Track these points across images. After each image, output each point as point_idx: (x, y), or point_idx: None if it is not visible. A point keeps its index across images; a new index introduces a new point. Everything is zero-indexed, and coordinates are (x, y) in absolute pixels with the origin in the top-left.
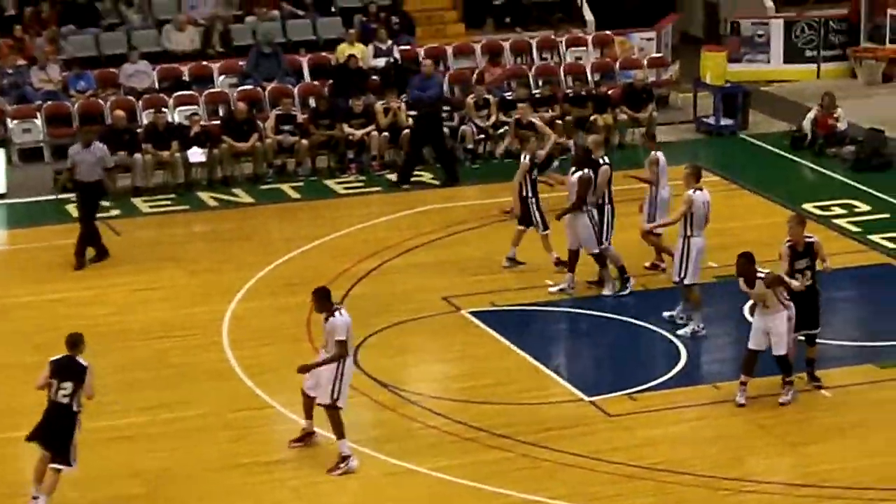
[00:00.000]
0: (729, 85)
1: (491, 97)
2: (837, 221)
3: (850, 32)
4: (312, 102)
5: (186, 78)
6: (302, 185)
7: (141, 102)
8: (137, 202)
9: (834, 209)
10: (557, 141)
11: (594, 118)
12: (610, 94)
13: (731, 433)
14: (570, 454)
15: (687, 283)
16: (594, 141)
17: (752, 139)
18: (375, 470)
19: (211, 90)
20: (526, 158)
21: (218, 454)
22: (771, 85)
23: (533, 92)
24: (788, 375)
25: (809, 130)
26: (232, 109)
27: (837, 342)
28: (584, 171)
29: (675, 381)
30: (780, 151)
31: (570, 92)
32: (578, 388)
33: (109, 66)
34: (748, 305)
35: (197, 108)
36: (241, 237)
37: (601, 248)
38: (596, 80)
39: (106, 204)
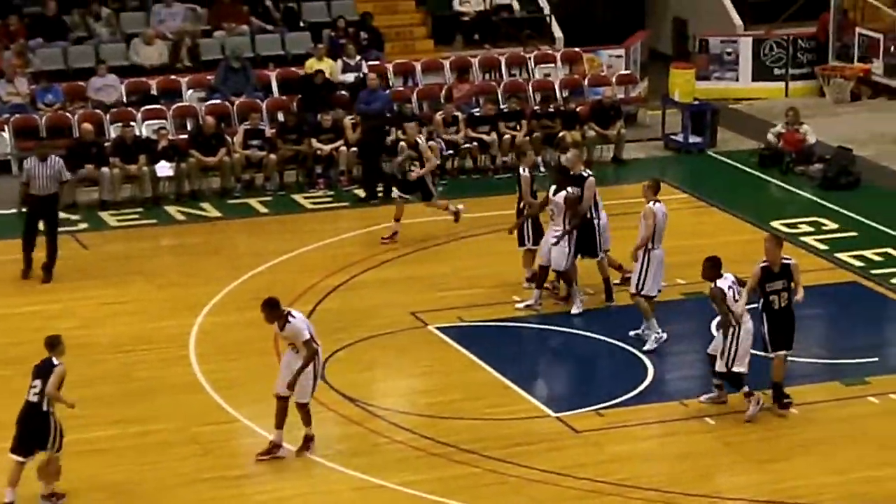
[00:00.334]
0: (697, 102)
1: (459, 114)
2: (805, 239)
3: (818, 51)
4: (281, 117)
5: (155, 92)
6: (270, 199)
7: (109, 116)
8: (105, 216)
9: (802, 227)
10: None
11: (562, 135)
12: (578, 110)
13: (698, 450)
14: (537, 470)
15: (644, 294)
16: (574, 156)
17: (720, 157)
18: (342, 485)
19: (179, 104)
20: (526, 171)
21: (185, 468)
22: (739, 103)
23: (501, 107)
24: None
25: (776, 144)
26: (200, 124)
27: (804, 359)
28: (567, 189)
29: (642, 397)
30: (748, 169)
31: (538, 108)
32: (546, 403)
33: (77, 79)
34: (715, 322)
35: (165, 122)
36: (208, 251)
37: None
38: (564, 96)
39: (74, 217)
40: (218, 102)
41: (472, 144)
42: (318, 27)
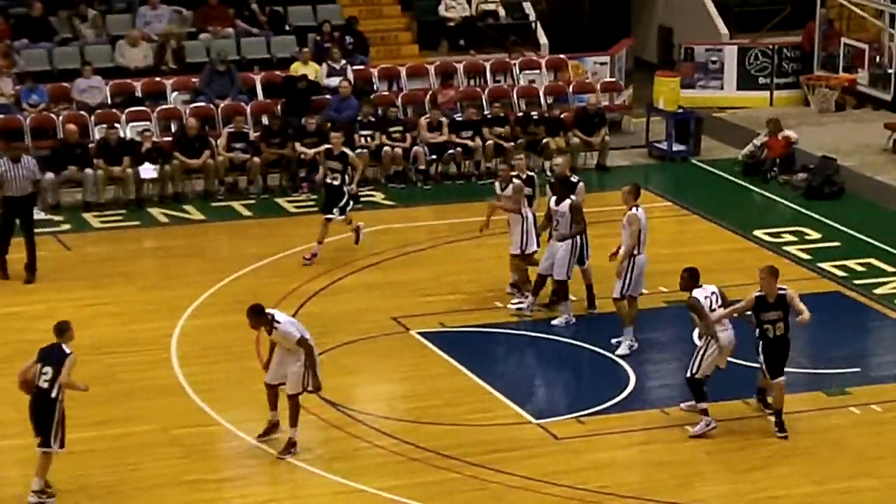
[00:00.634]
0: (682, 110)
1: (444, 119)
2: (788, 249)
3: (803, 60)
4: (265, 120)
5: (139, 94)
6: (253, 202)
7: (93, 117)
8: (88, 217)
9: (785, 236)
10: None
11: (546, 141)
12: (563, 117)
13: (678, 458)
14: (517, 476)
15: (628, 294)
16: (565, 162)
17: (704, 165)
18: (323, 489)
19: (163, 106)
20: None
21: (165, 471)
22: (724, 111)
23: (485, 113)
24: (699, 401)
25: (759, 155)
26: (184, 126)
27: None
28: (571, 198)
29: (623, 405)
30: (731, 178)
31: (521, 115)
32: (527, 410)
33: (62, 80)
34: (696, 331)
35: (149, 124)
36: (191, 254)
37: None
38: (549, 103)
39: (57, 218)
40: (202, 105)
41: (456, 150)
42: (303, 31)
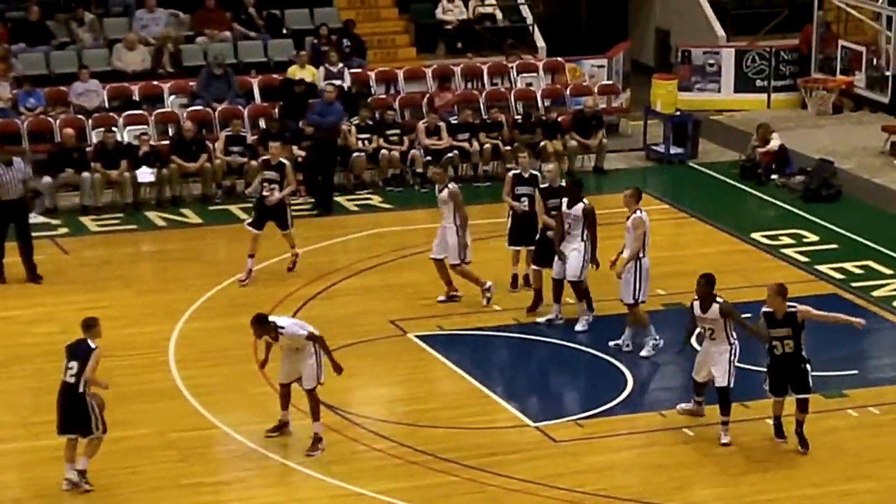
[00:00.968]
0: (679, 113)
1: (442, 124)
2: (786, 251)
3: (800, 63)
4: (262, 124)
5: (136, 97)
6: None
7: (91, 121)
8: (86, 221)
9: (782, 239)
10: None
11: (543, 144)
12: (560, 120)
13: (676, 461)
14: (515, 479)
15: (640, 300)
16: (556, 168)
17: (701, 168)
18: (320, 492)
19: (161, 110)
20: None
21: (164, 474)
22: (721, 114)
23: (484, 118)
24: (726, 413)
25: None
26: (181, 129)
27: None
28: (584, 202)
29: (621, 408)
30: (729, 180)
31: (518, 118)
32: (525, 413)
33: (60, 84)
34: (695, 334)
35: (146, 127)
36: (189, 257)
37: None
38: (546, 106)
39: (54, 222)
40: (200, 108)
41: (453, 153)
42: (300, 34)
